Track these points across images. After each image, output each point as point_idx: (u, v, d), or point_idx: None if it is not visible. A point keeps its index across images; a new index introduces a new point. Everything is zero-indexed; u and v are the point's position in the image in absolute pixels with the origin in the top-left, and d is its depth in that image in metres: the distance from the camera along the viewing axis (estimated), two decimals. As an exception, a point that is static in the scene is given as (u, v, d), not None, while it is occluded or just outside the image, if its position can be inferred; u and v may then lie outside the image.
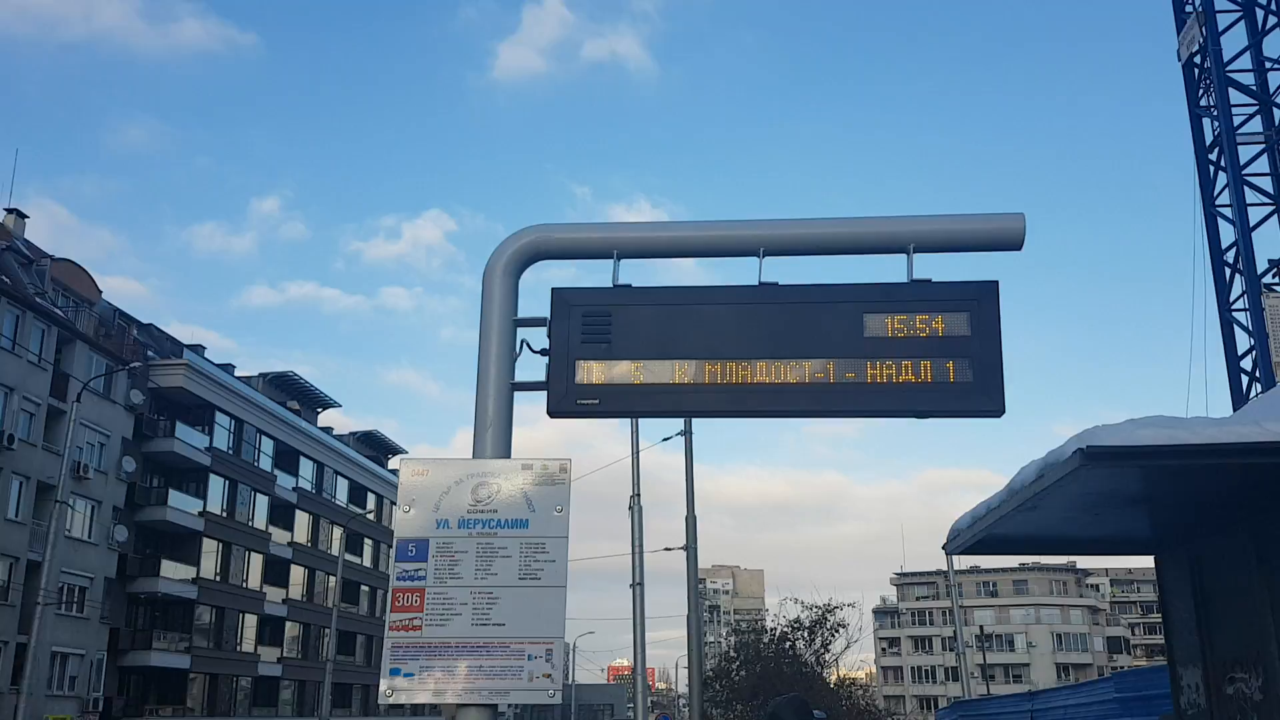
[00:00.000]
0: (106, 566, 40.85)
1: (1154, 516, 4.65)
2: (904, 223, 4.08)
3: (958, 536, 5.16)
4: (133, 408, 42.51)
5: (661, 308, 3.99)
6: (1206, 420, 3.75)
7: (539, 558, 3.77)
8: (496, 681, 3.64)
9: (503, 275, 4.12)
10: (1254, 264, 18.36)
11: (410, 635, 3.70)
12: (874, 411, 3.89)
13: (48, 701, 36.16)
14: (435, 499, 3.85)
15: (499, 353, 4.03)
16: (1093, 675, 75.14)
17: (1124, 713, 13.84)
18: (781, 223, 4.13)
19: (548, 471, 3.89)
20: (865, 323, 3.90)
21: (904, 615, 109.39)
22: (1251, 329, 18.25)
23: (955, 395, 3.83)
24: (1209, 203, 19.56)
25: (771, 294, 3.99)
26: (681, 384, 3.89)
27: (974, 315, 3.88)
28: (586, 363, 3.94)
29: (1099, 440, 3.48)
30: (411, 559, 3.79)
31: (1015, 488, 4.20)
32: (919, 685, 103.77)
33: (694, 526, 24.05)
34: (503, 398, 4.00)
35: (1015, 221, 4.01)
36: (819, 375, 3.86)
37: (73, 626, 38.57)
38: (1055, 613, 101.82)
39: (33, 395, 37.27)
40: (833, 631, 23.33)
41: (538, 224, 4.21)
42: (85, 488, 38.85)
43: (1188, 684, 4.79)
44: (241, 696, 50.76)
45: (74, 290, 41.53)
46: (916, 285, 3.97)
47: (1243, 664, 4.24)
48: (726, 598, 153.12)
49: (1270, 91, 19.09)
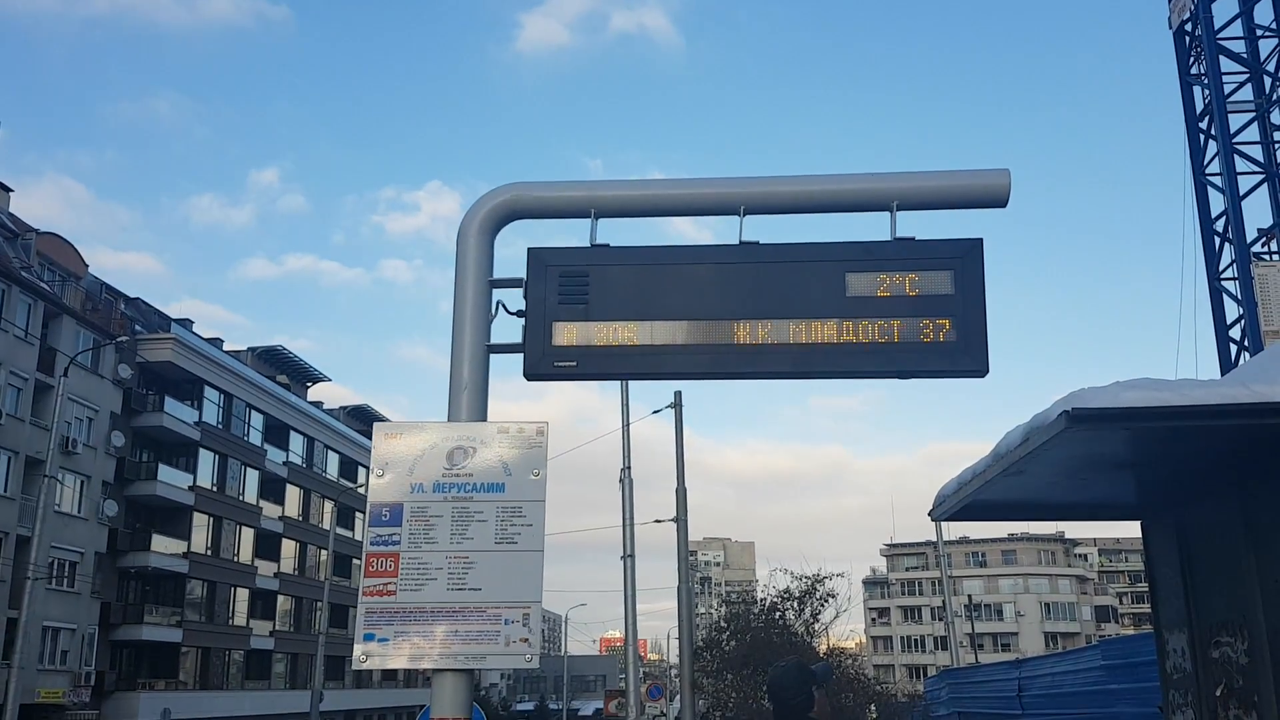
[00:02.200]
0: (96, 541, 40.80)
1: (1140, 481, 4.62)
2: (887, 179, 4.00)
3: (944, 503, 5.12)
4: (121, 382, 42.32)
5: (640, 268, 3.90)
6: (1193, 382, 3.71)
7: (515, 522, 3.71)
8: (473, 646, 3.59)
9: (478, 235, 4.03)
10: (1243, 233, 18.33)
11: (384, 600, 3.64)
12: (857, 372, 3.83)
13: (40, 675, 36.20)
14: (409, 463, 3.78)
15: (474, 314, 3.95)
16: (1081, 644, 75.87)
17: (1110, 679, 13.94)
18: (763, 180, 4.04)
19: (524, 435, 3.82)
20: (848, 282, 3.82)
21: (893, 586, 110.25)
22: (1240, 298, 18.24)
23: (938, 355, 3.77)
24: (1199, 171, 19.50)
25: (752, 253, 3.91)
26: (661, 345, 3.82)
27: (958, 274, 3.81)
28: (564, 324, 3.86)
29: (1085, 403, 3.43)
30: (385, 524, 3.72)
31: (1001, 452, 4.15)
32: (908, 654, 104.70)
33: (684, 499, 24.08)
34: (478, 360, 3.92)
35: (1000, 178, 3.94)
36: (801, 336, 3.79)
37: (64, 601, 38.55)
38: (1043, 582, 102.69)
39: (20, 370, 37.06)
40: (822, 601, 23.46)
41: (513, 182, 4.12)
42: (74, 462, 38.73)
43: (1173, 648, 4.77)
44: (234, 669, 50.92)
45: (59, 264, 41.21)
46: (900, 243, 3.89)
47: (1228, 628, 4.22)
48: (717, 569, 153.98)
49: (1261, 59, 18.98)
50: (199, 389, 47.87)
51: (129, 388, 43.24)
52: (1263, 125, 18.81)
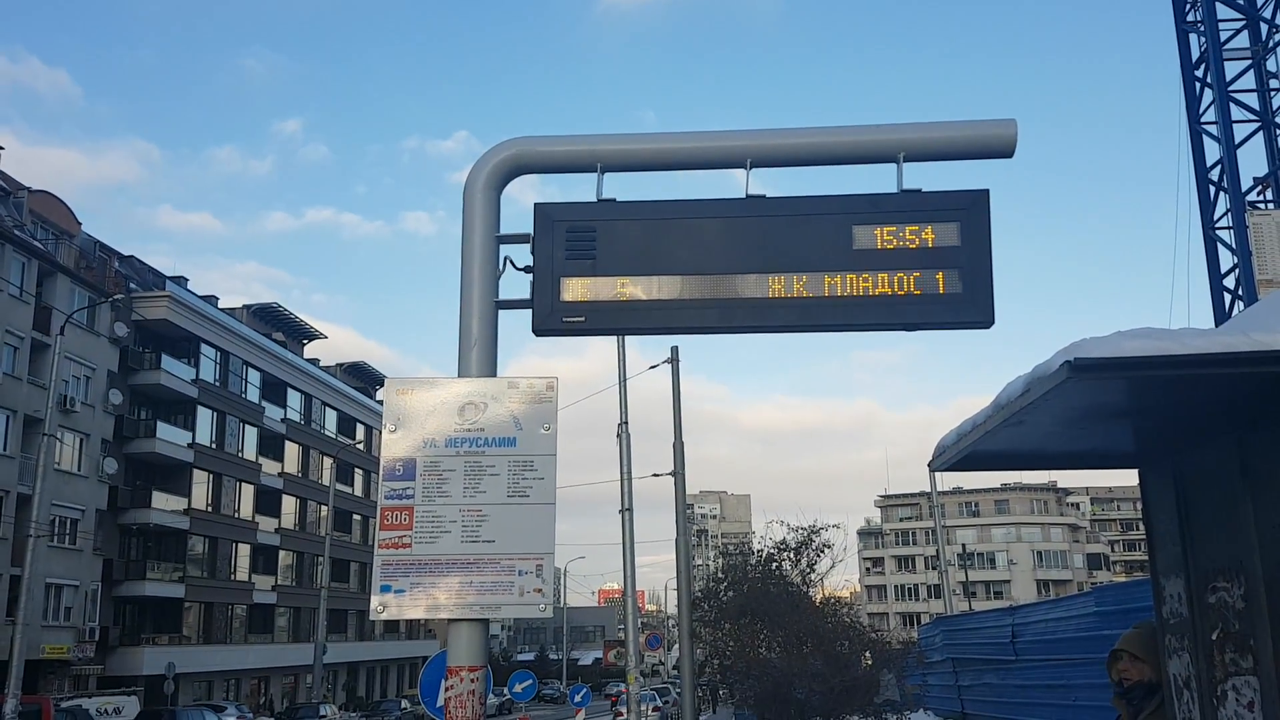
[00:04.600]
0: (97, 498, 41.02)
1: (1139, 430, 4.66)
2: (893, 130, 4.00)
3: (943, 453, 5.16)
4: (117, 340, 42.28)
5: (647, 222, 3.91)
6: (1194, 331, 3.74)
7: (527, 475, 3.76)
8: (488, 596, 3.66)
9: (484, 190, 4.03)
10: (1238, 181, 18.28)
11: (400, 553, 3.70)
12: (863, 325, 3.85)
13: (44, 632, 36.57)
14: (421, 419, 3.82)
15: (482, 270, 3.96)
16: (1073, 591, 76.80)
17: (1103, 625, 14.15)
18: (769, 132, 4.04)
19: (534, 390, 3.86)
20: (854, 234, 3.82)
21: (888, 536, 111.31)
22: (1235, 247, 18.24)
23: (945, 307, 3.79)
24: (1194, 120, 19.39)
25: (759, 206, 3.91)
26: (668, 300, 3.83)
27: (964, 225, 3.81)
28: (571, 279, 3.87)
29: (1086, 352, 3.45)
30: (399, 478, 3.77)
31: (1001, 403, 4.19)
32: (902, 603, 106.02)
33: (681, 453, 24.24)
34: (487, 316, 3.94)
35: (1007, 128, 3.93)
36: (807, 289, 3.80)
37: (66, 558, 38.84)
38: (1036, 531, 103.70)
39: (16, 329, 37.01)
40: (818, 552, 23.66)
41: (519, 136, 4.12)
42: (73, 421, 38.81)
43: (1170, 594, 4.84)
44: (237, 624, 51.47)
45: (53, 222, 40.98)
46: (906, 195, 3.89)
47: (1225, 573, 4.28)
48: (714, 522, 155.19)
49: (1258, 6, 18.80)
50: (195, 347, 47.86)
51: (125, 346, 43.21)
52: (1259, 73, 18.68)
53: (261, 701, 51.24)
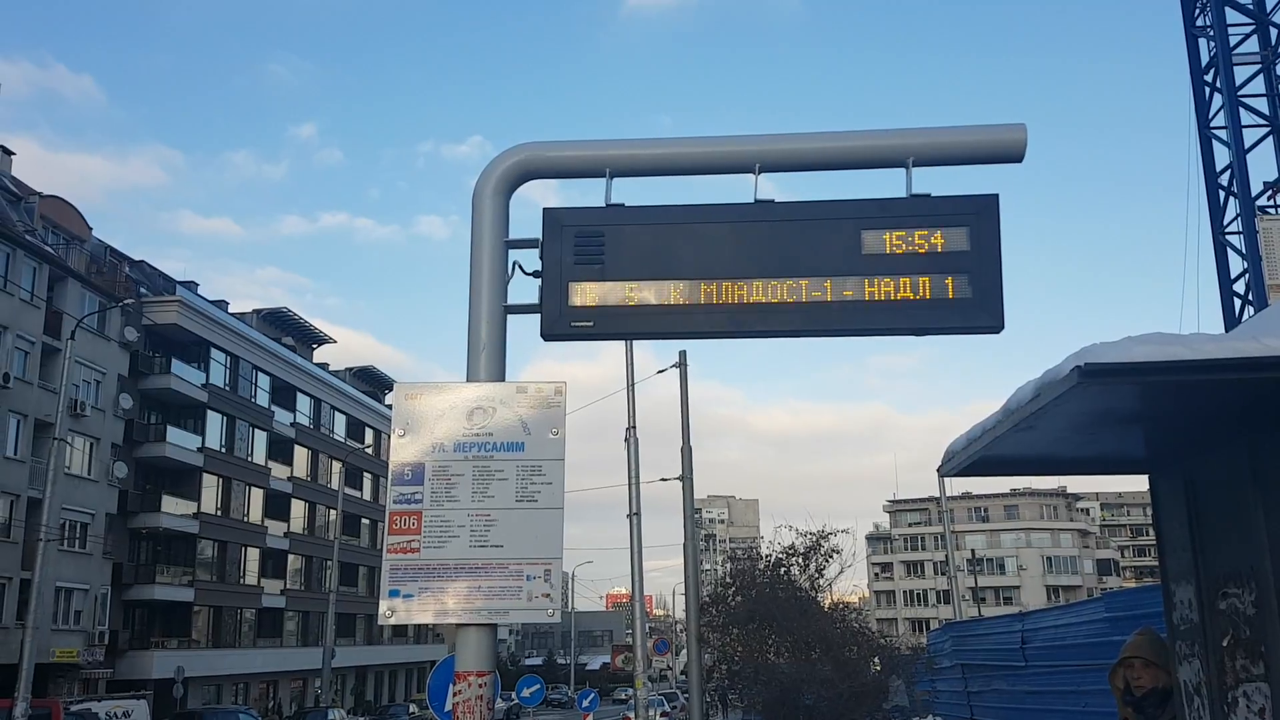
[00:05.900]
0: (107, 502, 41.13)
1: (1149, 435, 4.65)
2: (902, 135, 3.99)
3: (953, 459, 5.15)
4: (127, 345, 42.44)
5: (655, 227, 3.91)
6: (1205, 336, 3.72)
7: (535, 480, 3.76)
8: (496, 601, 3.66)
9: (493, 195, 4.04)
10: (1248, 186, 18.23)
11: (408, 558, 3.70)
12: (872, 330, 3.85)
13: (54, 635, 36.68)
14: (430, 423, 3.82)
15: (490, 275, 3.97)
16: (1082, 597, 76.51)
17: (1114, 631, 14.07)
18: (778, 137, 4.04)
19: (542, 394, 3.86)
20: (863, 239, 3.83)
21: (897, 541, 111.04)
22: (1245, 252, 18.18)
23: (954, 312, 3.78)
24: (1204, 125, 19.34)
25: (767, 211, 3.91)
26: (676, 304, 3.84)
27: (974, 229, 3.81)
28: (580, 284, 3.88)
29: (1097, 357, 3.45)
30: (407, 483, 3.78)
31: (1011, 408, 4.18)
32: (911, 608, 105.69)
33: (689, 457, 24.22)
34: (496, 321, 3.95)
35: (1017, 133, 3.93)
36: (816, 294, 3.80)
37: (76, 562, 38.95)
38: (1045, 536, 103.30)
39: (27, 333, 37.17)
40: (826, 557, 23.62)
41: (527, 142, 4.13)
42: (83, 425, 38.94)
43: (1180, 600, 4.82)
44: (246, 628, 51.55)
45: (63, 227, 41.17)
46: (915, 200, 3.89)
47: (1236, 579, 4.26)
48: (722, 526, 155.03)
49: (1268, 10, 18.74)
50: (205, 351, 48.00)
51: (135, 350, 43.36)
52: (1268, 77, 18.63)
53: (270, 705, 51.32)
